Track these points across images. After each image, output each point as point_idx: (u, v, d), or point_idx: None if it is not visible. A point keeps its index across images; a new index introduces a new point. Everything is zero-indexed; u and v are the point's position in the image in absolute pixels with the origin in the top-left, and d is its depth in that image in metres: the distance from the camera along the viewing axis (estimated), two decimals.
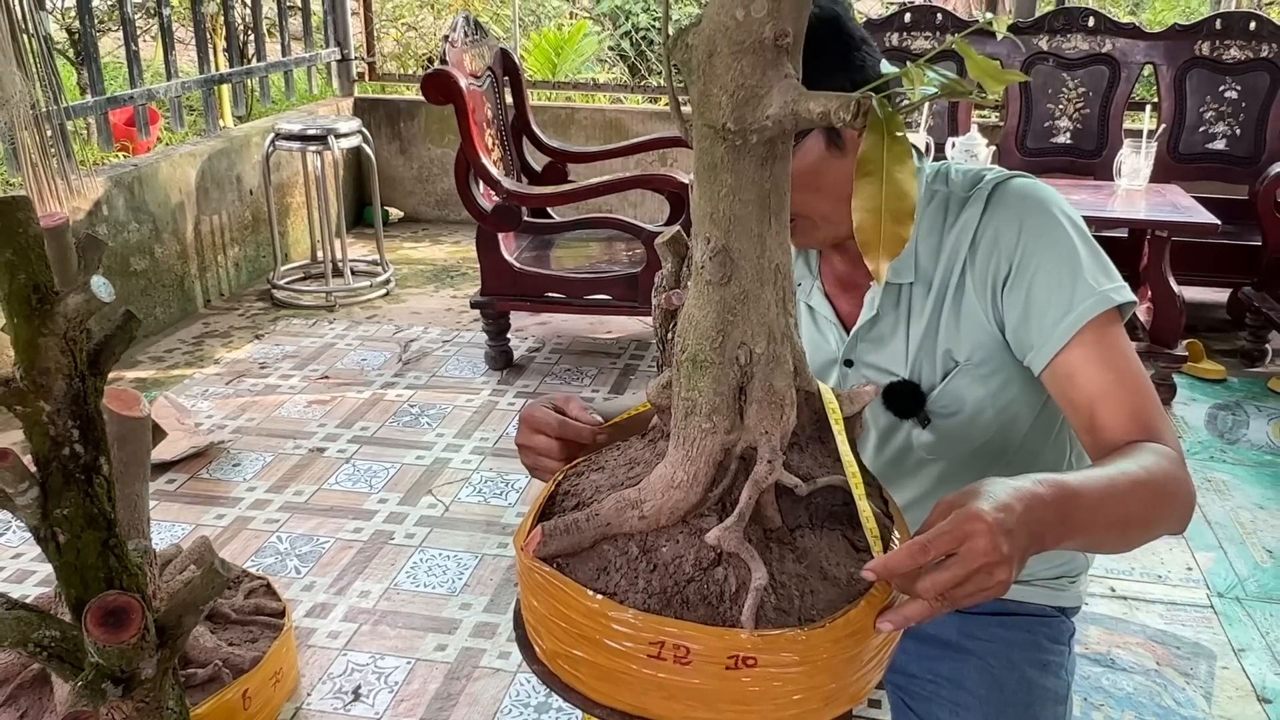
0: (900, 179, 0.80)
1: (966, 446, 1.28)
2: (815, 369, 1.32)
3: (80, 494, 1.03)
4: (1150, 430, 1.09)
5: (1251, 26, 3.73)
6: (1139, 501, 1.01)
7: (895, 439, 1.31)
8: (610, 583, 0.96)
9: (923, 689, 1.37)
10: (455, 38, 3.10)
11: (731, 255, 0.93)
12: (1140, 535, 1.04)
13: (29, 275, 0.98)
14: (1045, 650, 1.39)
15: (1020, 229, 1.17)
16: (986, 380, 1.23)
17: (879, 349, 1.29)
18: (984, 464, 1.28)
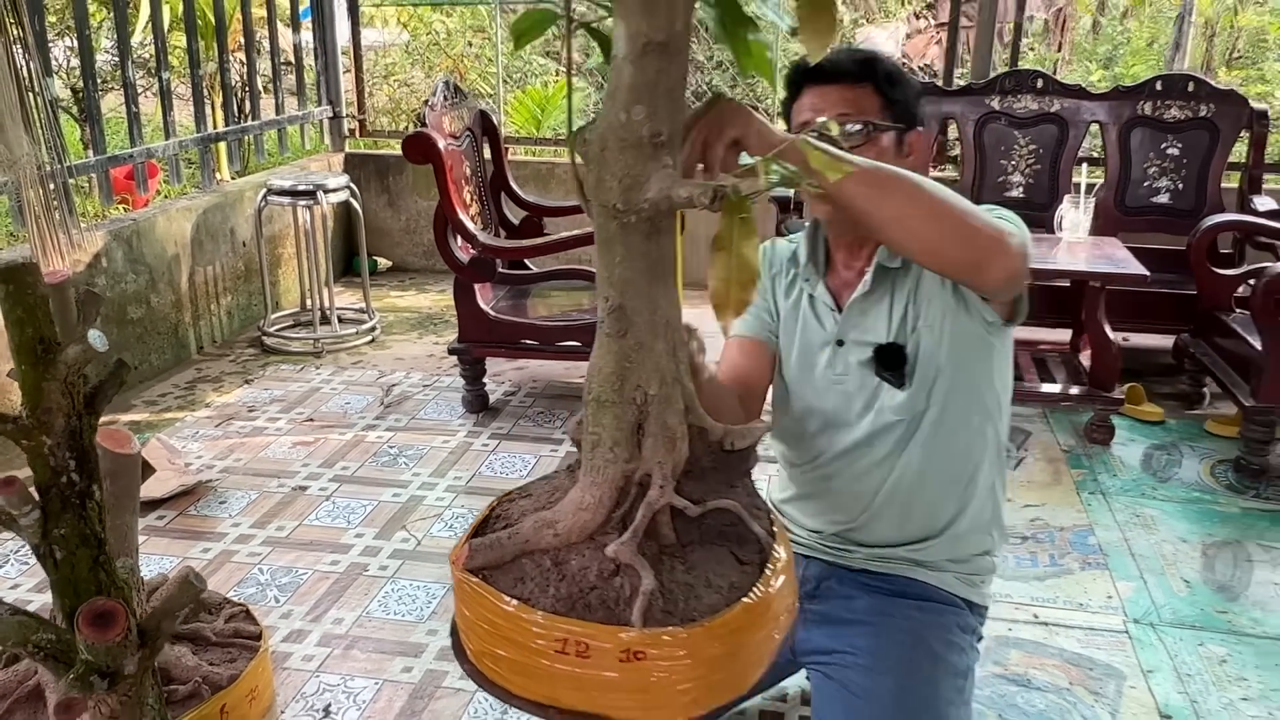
0: (745, 253, 0.98)
1: (923, 408, 1.56)
2: (810, 350, 1.63)
3: (75, 517, 1.20)
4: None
5: (1190, 88, 3.95)
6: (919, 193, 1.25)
7: (877, 402, 1.59)
8: (525, 590, 1.13)
9: (841, 660, 1.56)
10: (435, 101, 3.31)
11: (627, 312, 1.11)
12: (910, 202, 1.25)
13: (35, 329, 1.15)
14: (953, 633, 1.59)
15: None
16: (941, 337, 1.53)
17: (864, 324, 1.59)
18: (931, 427, 1.57)
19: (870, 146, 1.47)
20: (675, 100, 1.02)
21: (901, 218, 1.25)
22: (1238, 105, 3.89)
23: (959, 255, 1.31)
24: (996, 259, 1.31)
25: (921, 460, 1.60)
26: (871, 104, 1.49)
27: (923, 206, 1.25)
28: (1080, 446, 3.19)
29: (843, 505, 1.67)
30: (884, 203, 1.24)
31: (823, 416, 1.65)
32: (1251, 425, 2.94)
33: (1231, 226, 3.50)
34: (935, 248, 1.30)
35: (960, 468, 1.62)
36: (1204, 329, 3.41)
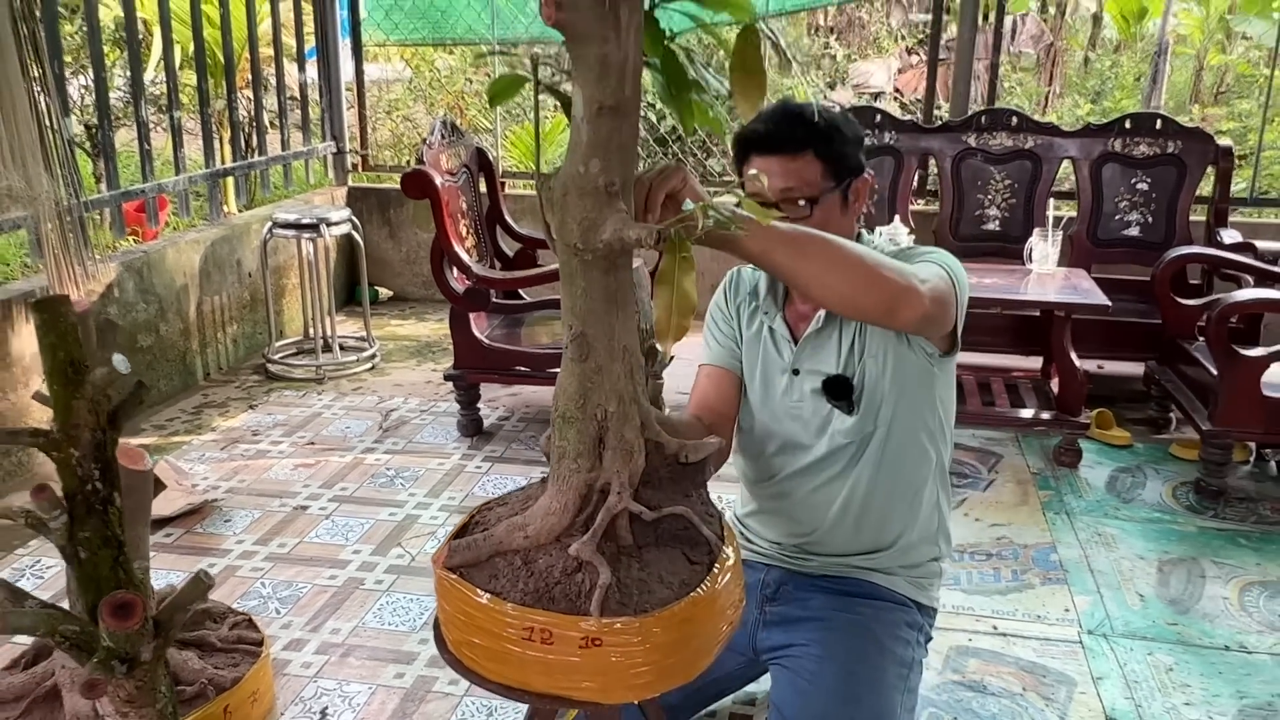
0: (685, 286, 1.14)
1: (870, 431, 1.73)
2: (770, 377, 1.81)
3: (98, 520, 1.34)
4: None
5: (1158, 125, 4.12)
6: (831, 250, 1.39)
7: (829, 427, 1.75)
8: (498, 585, 1.28)
9: (795, 653, 1.72)
10: (433, 140, 3.49)
11: (588, 339, 1.26)
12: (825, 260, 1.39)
13: (66, 353, 1.30)
14: (900, 629, 1.75)
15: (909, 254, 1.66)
16: (885, 366, 1.70)
17: (817, 356, 1.76)
18: (878, 447, 1.74)
19: (817, 212, 1.62)
20: (627, 154, 1.17)
21: (818, 274, 1.38)
22: (1203, 142, 4.06)
23: (868, 304, 1.45)
24: (905, 305, 1.45)
25: (870, 478, 1.75)
26: (813, 171, 1.63)
27: (836, 264, 1.39)
28: (1049, 469, 3.32)
29: (800, 519, 1.82)
30: (801, 262, 1.37)
31: (781, 438, 1.80)
32: (1209, 448, 3.07)
33: (1191, 259, 3.65)
34: (847, 298, 1.44)
35: (906, 484, 1.77)
36: (1169, 357, 3.56)
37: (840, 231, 1.59)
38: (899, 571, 1.82)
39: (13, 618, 1.27)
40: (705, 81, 1.24)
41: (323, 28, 4.97)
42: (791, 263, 1.37)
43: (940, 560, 1.87)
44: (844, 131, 1.66)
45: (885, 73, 9.56)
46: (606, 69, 1.12)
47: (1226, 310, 2.96)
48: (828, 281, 1.40)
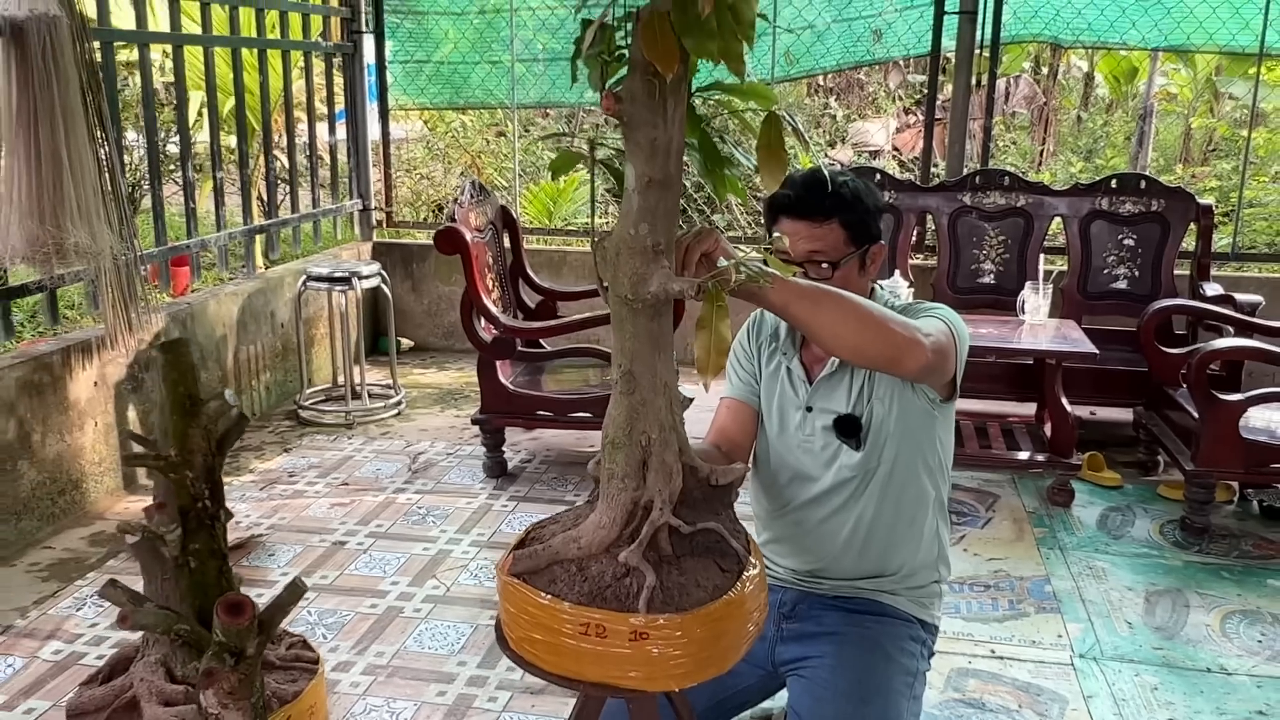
0: (722, 330, 1.35)
1: (874, 466, 1.92)
2: (785, 413, 2.01)
3: (206, 534, 1.55)
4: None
5: (1142, 185, 4.37)
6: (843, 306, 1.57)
7: (837, 460, 1.93)
8: (556, 589, 1.48)
9: (811, 664, 1.92)
10: (463, 200, 3.73)
11: (635, 376, 1.47)
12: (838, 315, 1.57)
13: (185, 388, 1.51)
14: (905, 642, 1.95)
15: (913, 309, 1.87)
16: (890, 408, 1.90)
17: (830, 395, 1.94)
18: (882, 481, 1.93)
19: (837, 275, 1.84)
20: (670, 219, 1.40)
21: (830, 326, 1.58)
22: (1185, 201, 4.30)
23: (875, 353, 1.64)
24: (908, 356, 1.64)
25: (874, 509, 1.95)
26: (836, 237, 1.85)
27: (847, 318, 1.59)
28: (1043, 508, 3.52)
29: (810, 548, 2.03)
30: (817, 315, 1.57)
31: (792, 469, 2.01)
32: (1193, 488, 3.27)
33: (1175, 311, 3.87)
34: (856, 348, 1.63)
35: (907, 516, 1.97)
36: (1155, 403, 3.77)
37: (856, 291, 1.81)
38: (903, 593, 2.01)
39: (139, 616, 1.47)
40: (735, 158, 1.47)
41: (352, 92, 5.25)
42: (808, 315, 1.57)
43: (941, 583, 2.06)
44: (865, 201, 1.88)
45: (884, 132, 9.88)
46: (655, 150, 1.35)
47: (1205, 358, 3.17)
48: (839, 333, 1.59)
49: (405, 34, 5.32)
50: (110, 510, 3.46)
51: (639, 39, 1.27)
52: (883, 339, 1.62)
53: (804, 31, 5.03)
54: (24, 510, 3.18)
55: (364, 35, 5.21)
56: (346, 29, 5.16)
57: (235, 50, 4.43)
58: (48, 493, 3.27)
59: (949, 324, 1.81)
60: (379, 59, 5.30)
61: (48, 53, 3.06)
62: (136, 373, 3.65)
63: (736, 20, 1.25)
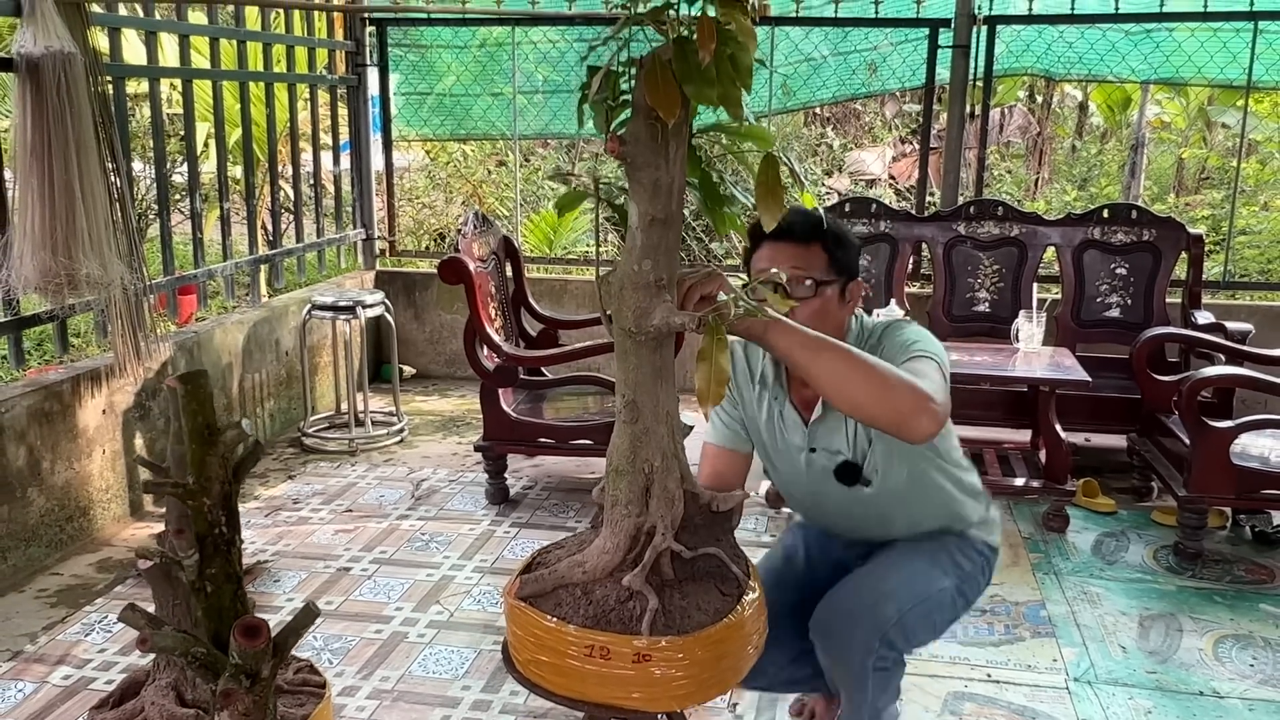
0: (721, 362, 1.41)
1: (893, 488, 1.99)
2: (790, 452, 2.05)
3: (223, 559, 1.60)
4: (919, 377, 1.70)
5: (1133, 215, 4.45)
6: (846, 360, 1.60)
7: (851, 494, 1.99)
8: (562, 612, 1.53)
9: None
10: (466, 230, 3.80)
11: (638, 405, 1.53)
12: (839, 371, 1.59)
13: (204, 418, 1.57)
14: (963, 550, 2.06)
15: (891, 328, 1.94)
16: (890, 442, 1.92)
17: (830, 436, 1.97)
18: (906, 496, 1.99)
19: (817, 298, 1.87)
20: (672, 256, 1.46)
21: (830, 380, 1.60)
22: (1176, 230, 4.38)
23: (877, 416, 1.64)
24: (916, 423, 1.61)
25: (905, 508, 2.03)
26: (819, 261, 1.88)
27: (849, 374, 1.60)
28: (1039, 534, 3.56)
29: (853, 531, 2.12)
30: (817, 366, 1.59)
31: (812, 499, 2.08)
32: (1186, 514, 3.31)
33: (1166, 339, 3.93)
34: (858, 408, 1.64)
35: (939, 498, 2.04)
36: (1148, 429, 3.82)
37: (835, 322, 1.87)
38: (966, 531, 2.10)
39: (158, 639, 1.51)
40: (734, 197, 1.53)
41: (356, 124, 5.34)
42: (808, 364, 1.60)
43: (990, 510, 2.14)
44: (847, 237, 1.94)
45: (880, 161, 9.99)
46: (657, 189, 1.41)
47: (1196, 385, 3.23)
48: (840, 389, 1.60)
49: (409, 66, 5.42)
50: (117, 536, 3.50)
51: (642, 85, 1.34)
52: (886, 403, 1.60)
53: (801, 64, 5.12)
54: (33, 537, 3.22)
55: (368, 68, 5.30)
56: (351, 62, 5.26)
57: (243, 84, 4.51)
58: (56, 519, 3.32)
59: (937, 359, 1.81)
60: (383, 91, 5.39)
61: (62, 88, 3.13)
62: (144, 400, 3.70)
63: (735, 68, 1.32)
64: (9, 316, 3.29)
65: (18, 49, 3.11)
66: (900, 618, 1.92)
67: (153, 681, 1.88)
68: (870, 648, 1.90)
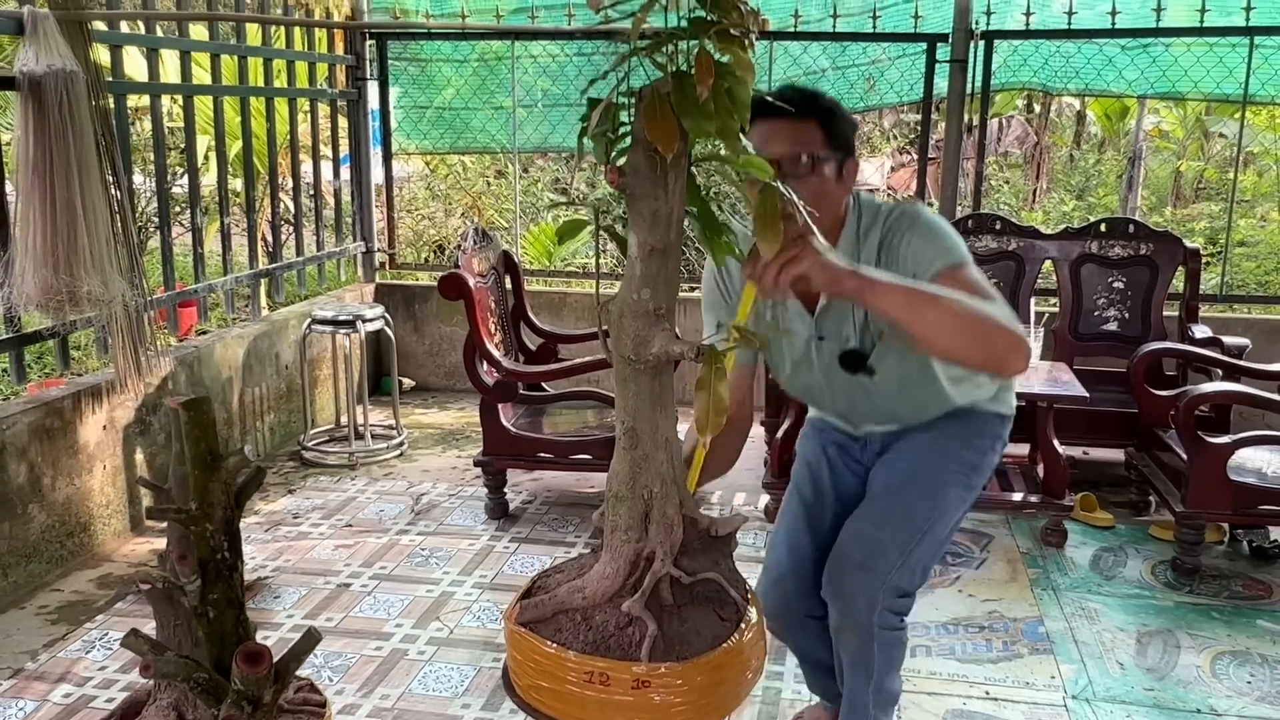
0: (720, 391, 1.42)
1: (898, 378, 1.97)
2: (799, 347, 2.04)
3: (225, 584, 1.61)
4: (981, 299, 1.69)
5: (1131, 229, 4.46)
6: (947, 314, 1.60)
7: (854, 387, 2.00)
8: (562, 637, 1.53)
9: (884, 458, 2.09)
10: (466, 246, 3.82)
11: (637, 432, 1.54)
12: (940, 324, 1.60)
13: (206, 444, 1.58)
14: (974, 438, 2.08)
15: (909, 227, 1.88)
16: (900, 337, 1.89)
17: (837, 325, 1.96)
18: (911, 386, 1.99)
19: (815, 176, 1.82)
20: (671, 285, 1.47)
21: (930, 335, 1.62)
22: (1173, 244, 4.39)
23: (979, 362, 1.70)
24: (1006, 364, 1.68)
25: (920, 387, 2.01)
26: (815, 137, 1.82)
27: (949, 327, 1.62)
28: (1037, 549, 3.57)
29: (870, 419, 2.12)
30: (918, 324, 1.61)
31: (819, 388, 2.08)
32: (1183, 529, 3.33)
33: (1163, 354, 3.95)
34: (957, 357, 1.69)
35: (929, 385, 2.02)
36: (1146, 444, 3.83)
37: (834, 202, 1.87)
38: (978, 403, 2.09)
39: (160, 665, 1.52)
40: (732, 225, 1.54)
41: (356, 137, 5.36)
42: (911, 323, 1.60)
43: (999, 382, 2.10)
44: (841, 112, 1.88)
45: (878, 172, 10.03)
46: (656, 220, 1.43)
47: (1193, 402, 3.24)
48: (940, 342, 1.63)
49: (409, 80, 5.44)
50: (117, 552, 3.51)
51: (641, 118, 1.35)
52: (986, 349, 1.64)
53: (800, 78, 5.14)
54: (33, 553, 3.23)
55: (368, 82, 5.32)
56: (351, 76, 5.28)
57: (244, 99, 4.53)
58: (56, 535, 3.32)
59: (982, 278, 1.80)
60: (383, 105, 5.40)
61: (64, 106, 3.15)
62: (144, 416, 3.71)
63: (732, 101, 1.34)
64: (11, 333, 3.30)
65: (20, 67, 3.12)
66: (903, 560, 1.95)
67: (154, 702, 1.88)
68: (875, 599, 1.94)
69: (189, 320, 5.11)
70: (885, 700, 2.09)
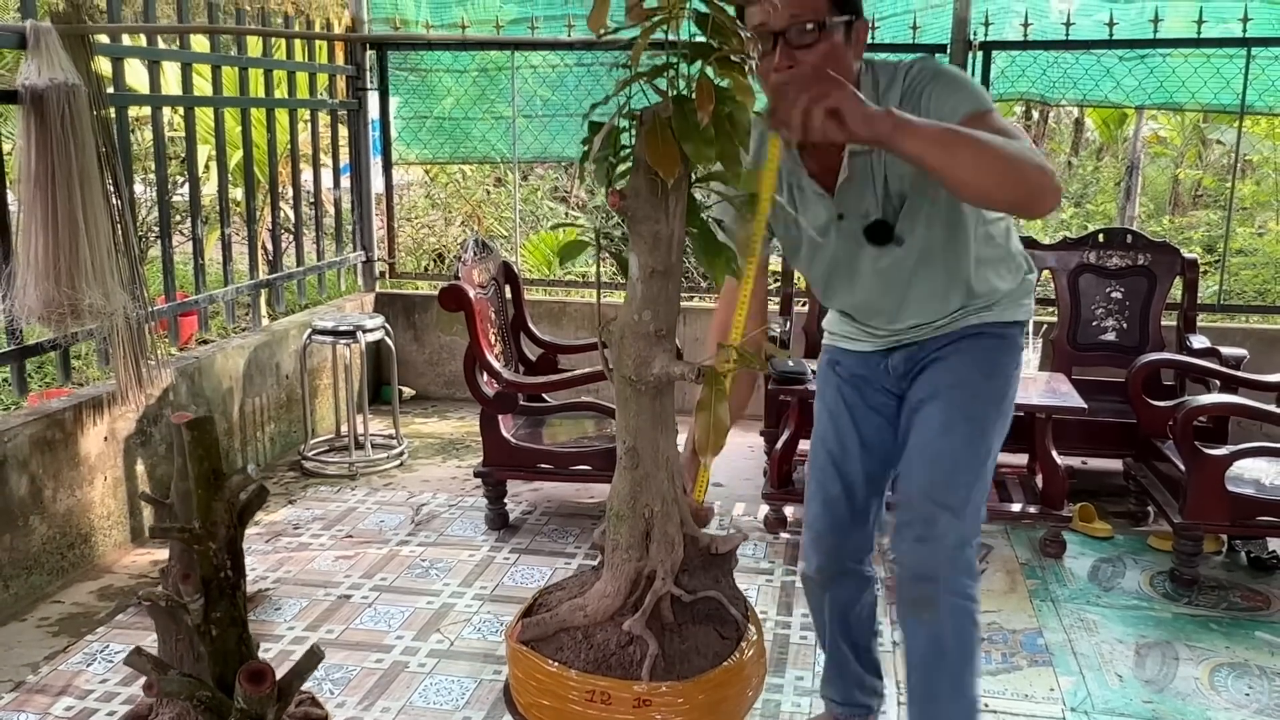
0: (720, 413, 1.43)
1: (927, 247, 1.94)
2: (819, 228, 1.98)
3: (228, 603, 1.62)
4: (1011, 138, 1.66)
5: (1129, 240, 4.48)
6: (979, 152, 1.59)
7: (884, 259, 1.96)
8: (563, 656, 1.54)
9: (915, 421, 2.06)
10: (466, 257, 3.83)
11: (638, 452, 1.55)
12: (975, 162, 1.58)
13: (210, 463, 1.59)
14: (999, 363, 2.07)
15: (931, 79, 1.83)
16: (926, 194, 1.88)
17: (857, 200, 1.91)
18: (941, 257, 1.95)
19: (823, 41, 1.76)
20: (671, 306, 1.48)
21: (965, 175, 1.59)
22: (1170, 254, 4.41)
23: (1012, 199, 1.67)
24: (1040, 201, 1.65)
25: (941, 266, 1.98)
26: (819, 1, 1.75)
27: (982, 166, 1.59)
28: (1035, 560, 3.58)
29: (888, 312, 2.07)
30: (952, 164, 1.58)
31: (841, 272, 2.05)
32: (1181, 540, 3.34)
33: (1159, 365, 3.96)
34: (989, 194, 1.66)
35: (974, 252, 1.98)
36: (1144, 454, 3.84)
37: (843, 66, 1.78)
38: (997, 306, 2.05)
39: (164, 684, 1.53)
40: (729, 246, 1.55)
41: (356, 147, 5.37)
42: (943, 164, 1.58)
43: (1024, 276, 2.09)
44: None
45: None
46: (657, 242, 1.44)
47: (1190, 414, 3.25)
48: (975, 180, 1.60)
49: (409, 90, 5.45)
50: (118, 563, 3.51)
51: (642, 143, 1.36)
52: (1017, 185, 1.63)
53: None
54: (34, 565, 3.24)
55: (369, 92, 5.33)
56: (352, 86, 5.29)
57: (245, 109, 4.54)
58: (57, 547, 3.33)
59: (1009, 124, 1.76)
60: (383, 114, 5.42)
61: (66, 120, 3.16)
62: (145, 427, 3.72)
63: (733, 126, 1.35)
64: (12, 345, 3.31)
65: (22, 81, 3.14)
66: (963, 512, 1.96)
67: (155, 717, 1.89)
68: (952, 560, 1.96)
69: (189, 329, 5.13)
70: (966, 712, 2.00)
